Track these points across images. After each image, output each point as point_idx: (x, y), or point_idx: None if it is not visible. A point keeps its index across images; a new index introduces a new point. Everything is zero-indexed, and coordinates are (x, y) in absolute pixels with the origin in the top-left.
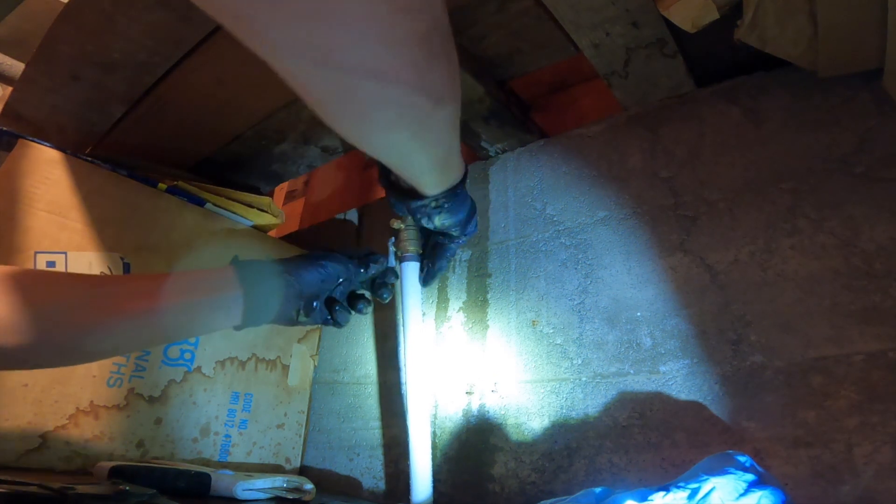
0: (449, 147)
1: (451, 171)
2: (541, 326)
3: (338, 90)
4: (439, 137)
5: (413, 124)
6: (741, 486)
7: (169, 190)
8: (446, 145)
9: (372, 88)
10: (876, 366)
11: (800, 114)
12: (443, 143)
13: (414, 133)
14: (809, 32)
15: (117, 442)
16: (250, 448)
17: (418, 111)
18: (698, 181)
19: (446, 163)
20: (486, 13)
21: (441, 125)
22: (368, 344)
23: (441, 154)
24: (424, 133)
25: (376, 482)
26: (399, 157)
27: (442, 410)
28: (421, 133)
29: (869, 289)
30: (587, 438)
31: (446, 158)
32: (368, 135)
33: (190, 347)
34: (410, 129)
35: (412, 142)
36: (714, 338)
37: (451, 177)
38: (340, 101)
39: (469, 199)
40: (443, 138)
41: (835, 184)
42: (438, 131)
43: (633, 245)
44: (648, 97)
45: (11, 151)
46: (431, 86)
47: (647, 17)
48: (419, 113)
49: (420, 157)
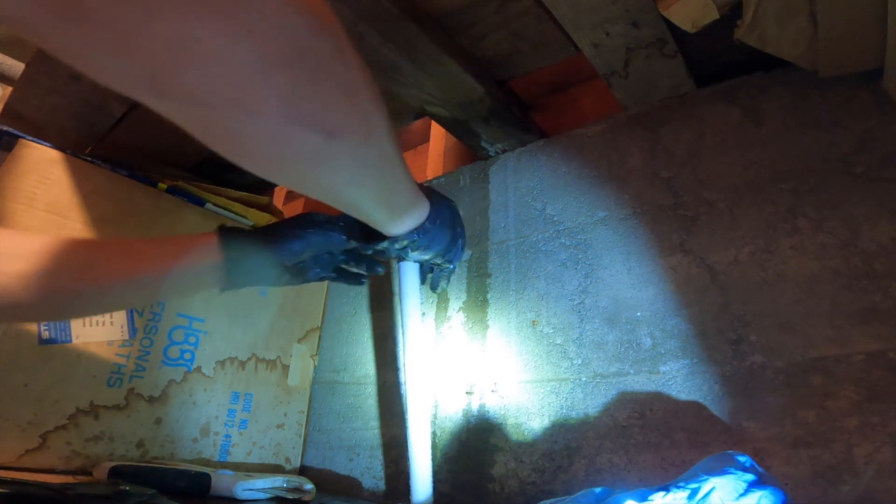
0: (385, 185)
1: (404, 209)
2: (541, 326)
3: (197, 123)
4: (360, 177)
5: (306, 161)
6: (741, 486)
7: (169, 190)
8: (379, 184)
9: (234, 121)
10: (876, 366)
11: (800, 114)
12: (369, 181)
13: (312, 170)
14: (809, 32)
15: (117, 442)
16: (250, 448)
17: (305, 147)
18: (698, 181)
19: (391, 202)
20: (486, 13)
21: (350, 162)
22: (368, 344)
23: (377, 193)
24: (330, 171)
25: (376, 482)
26: (325, 196)
27: (442, 410)
28: (325, 171)
29: (869, 289)
30: (587, 438)
31: (389, 198)
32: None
33: (190, 347)
34: (305, 166)
35: (321, 180)
36: (714, 338)
37: (410, 217)
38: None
39: (446, 231)
40: (365, 177)
41: (835, 184)
42: (352, 169)
43: (633, 245)
44: (648, 97)
45: (11, 151)
46: (312, 117)
47: (647, 17)
48: (307, 148)
49: (350, 196)
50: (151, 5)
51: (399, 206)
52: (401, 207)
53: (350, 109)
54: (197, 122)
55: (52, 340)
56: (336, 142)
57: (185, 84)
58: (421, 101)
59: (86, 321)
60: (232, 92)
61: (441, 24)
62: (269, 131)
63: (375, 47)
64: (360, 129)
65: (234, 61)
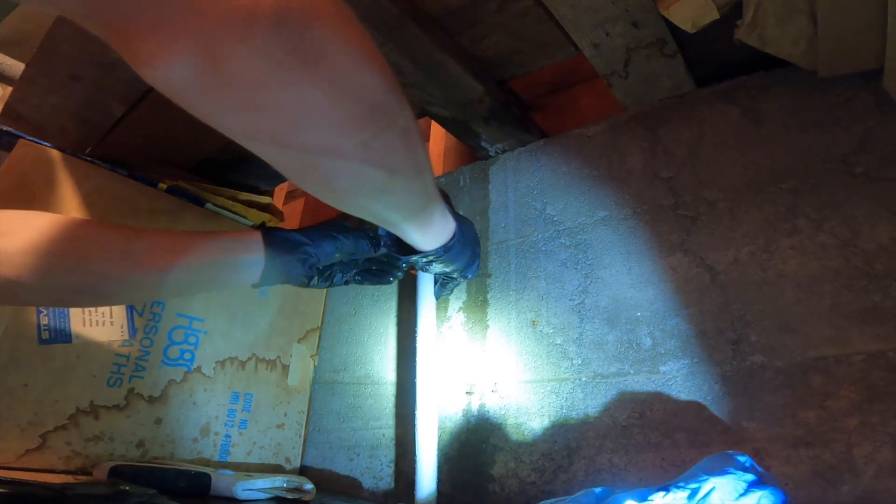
0: (421, 211)
1: (433, 231)
2: (541, 326)
3: (295, 165)
4: (405, 202)
5: (372, 192)
6: (741, 486)
7: (169, 190)
8: (416, 209)
9: (326, 163)
10: (876, 366)
11: (800, 114)
12: (411, 207)
13: (376, 199)
14: (809, 32)
15: (117, 442)
16: (250, 448)
17: (373, 180)
18: (698, 181)
19: (424, 225)
20: (486, 13)
21: (402, 192)
22: (368, 344)
23: (414, 217)
24: (388, 198)
25: (376, 482)
26: (373, 217)
27: (442, 410)
28: (383, 198)
29: (869, 289)
30: (587, 438)
31: (423, 222)
32: (335, 200)
33: (190, 347)
34: (371, 196)
35: (376, 205)
36: (714, 338)
37: (438, 236)
38: (301, 172)
39: (468, 251)
40: (410, 203)
41: (835, 184)
42: (401, 197)
43: (633, 245)
44: (648, 97)
45: (11, 151)
46: (381, 159)
47: (647, 17)
48: (374, 182)
49: (392, 218)
50: (282, 76)
51: (431, 227)
52: (432, 228)
53: (407, 150)
54: (295, 163)
55: (52, 340)
56: (396, 177)
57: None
58: (421, 101)
59: (86, 321)
60: (329, 142)
61: (441, 24)
62: (350, 170)
63: None
64: (413, 166)
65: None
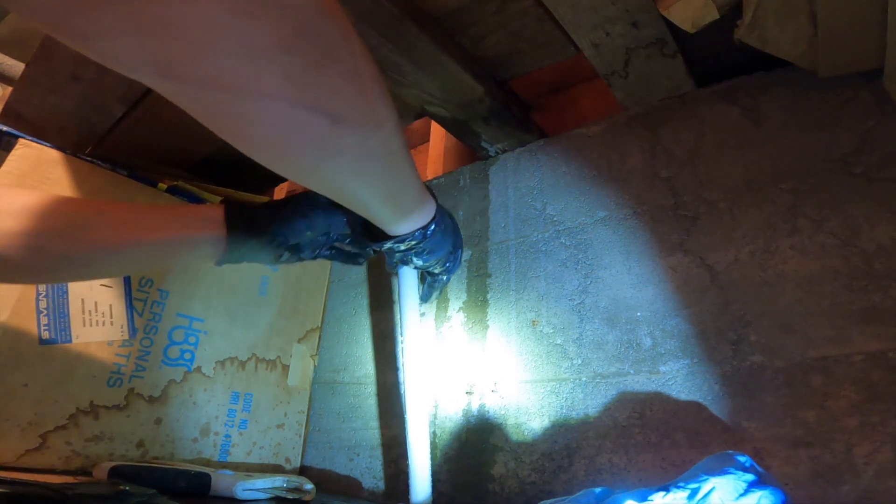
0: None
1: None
2: (541, 326)
3: (204, 106)
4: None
5: (312, 148)
6: (741, 486)
7: (169, 190)
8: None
9: (241, 104)
10: (876, 366)
11: (800, 114)
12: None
13: (318, 159)
14: (809, 32)
15: (117, 442)
16: (250, 448)
17: (311, 132)
18: (698, 181)
19: (397, 200)
20: (486, 13)
21: (355, 152)
22: (368, 344)
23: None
24: (336, 160)
25: (376, 482)
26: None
27: (442, 410)
28: (330, 160)
29: (869, 289)
30: (587, 438)
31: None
32: (273, 161)
33: (190, 347)
34: (311, 153)
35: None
36: (714, 338)
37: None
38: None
39: (449, 237)
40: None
41: (835, 184)
42: (357, 160)
43: (633, 245)
44: (648, 97)
45: (11, 151)
46: (318, 101)
47: (647, 17)
48: (314, 134)
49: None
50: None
51: (404, 204)
52: (406, 206)
53: (356, 97)
54: (204, 106)
55: (52, 340)
56: (342, 128)
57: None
58: (421, 101)
59: (86, 321)
60: (238, 74)
61: (441, 24)
62: (275, 115)
63: (375, 47)
64: (367, 119)
65: (242, 43)
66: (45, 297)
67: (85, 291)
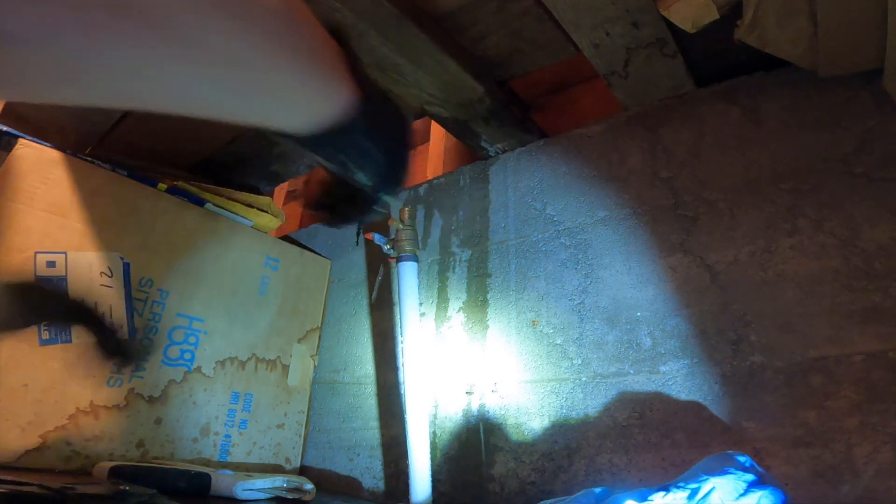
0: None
1: (289, 91)
2: (541, 326)
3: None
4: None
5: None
6: (741, 486)
7: (169, 190)
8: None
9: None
10: (876, 366)
11: (800, 114)
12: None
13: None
14: (809, 32)
15: (117, 442)
16: (250, 448)
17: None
18: (698, 181)
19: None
20: (486, 13)
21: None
22: (368, 344)
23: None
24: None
25: (376, 482)
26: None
27: (442, 410)
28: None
29: (869, 289)
30: (587, 438)
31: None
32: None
33: (190, 347)
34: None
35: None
36: (714, 338)
37: (306, 104)
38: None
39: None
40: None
41: (835, 184)
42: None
43: (633, 245)
44: (648, 97)
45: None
46: None
47: (647, 17)
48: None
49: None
50: None
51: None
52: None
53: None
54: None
55: (52, 340)
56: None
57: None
58: (421, 101)
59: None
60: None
61: (441, 24)
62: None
63: (375, 47)
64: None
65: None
66: None
67: (85, 291)
